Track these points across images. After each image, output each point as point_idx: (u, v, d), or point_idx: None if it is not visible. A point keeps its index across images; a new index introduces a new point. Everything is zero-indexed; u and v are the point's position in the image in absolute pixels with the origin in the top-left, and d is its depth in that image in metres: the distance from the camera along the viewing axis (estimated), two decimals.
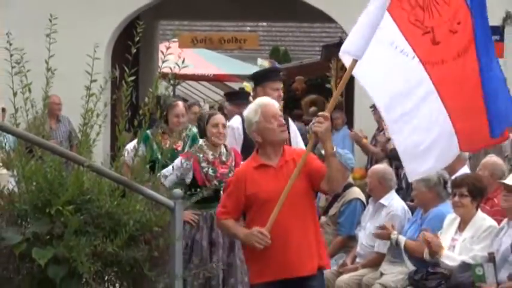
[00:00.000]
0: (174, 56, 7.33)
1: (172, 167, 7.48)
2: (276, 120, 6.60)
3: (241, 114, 7.73)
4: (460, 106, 6.90)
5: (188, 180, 7.57)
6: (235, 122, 8.01)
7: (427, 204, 8.71)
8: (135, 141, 7.50)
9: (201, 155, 7.37)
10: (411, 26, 6.84)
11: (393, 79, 6.97)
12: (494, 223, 7.37)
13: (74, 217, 5.78)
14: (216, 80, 24.76)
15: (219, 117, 7.67)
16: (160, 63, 7.30)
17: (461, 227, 7.52)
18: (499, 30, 13.93)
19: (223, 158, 7.37)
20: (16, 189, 6.35)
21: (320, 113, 6.14)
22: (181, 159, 7.68)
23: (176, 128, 8.46)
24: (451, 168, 8.81)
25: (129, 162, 6.99)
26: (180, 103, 9.29)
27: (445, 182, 8.82)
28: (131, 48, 7.33)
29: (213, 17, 18.26)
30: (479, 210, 7.55)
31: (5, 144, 6.77)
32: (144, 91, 10.06)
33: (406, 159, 7.11)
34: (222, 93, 23.71)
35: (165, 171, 7.05)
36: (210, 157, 7.29)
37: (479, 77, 6.73)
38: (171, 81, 8.34)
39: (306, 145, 8.38)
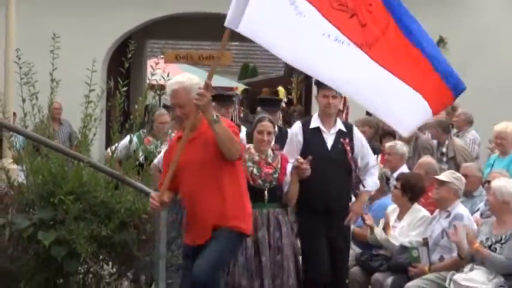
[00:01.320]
0: (161, 70, 7.36)
1: None
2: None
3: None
4: (411, 74, 6.39)
5: None
6: (295, 127, 7.11)
7: (372, 196, 8.69)
8: (125, 141, 7.30)
9: (247, 155, 6.54)
10: (336, 11, 6.17)
11: (339, 67, 6.30)
12: (427, 213, 7.37)
13: (74, 205, 5.79)
14: None
15: (265, 124, 6.75)
16: (149, 76, 7.31)
17: (400, 216, 7.53)
18: None
19: (269, 160, 6.65)
20: (25, 182, 6.34)
21: (199, 90, 5.37)
22: None
23: (160, 133, 8.40)
24: (393, 167, 8.84)
25: (119, 158, 7.01)
26: (165, 113, 8.93)
27: (387, 179, 8.84)
28: (124, 64, 7.34)
29: (194, 38, 18.19)
30: (415, 202, 7.57)
31: (16, 143, 6.81)
32: (134, 100, 10.02)
33: (395, 123, 6.50)
34: None
35: None
36: (256, 158, 6.56)
37: (412, 44, 6.28)
38: (157, 91, 8.34)
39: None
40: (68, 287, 6.07)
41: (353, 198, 7.15)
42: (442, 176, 7.15)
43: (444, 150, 9.58)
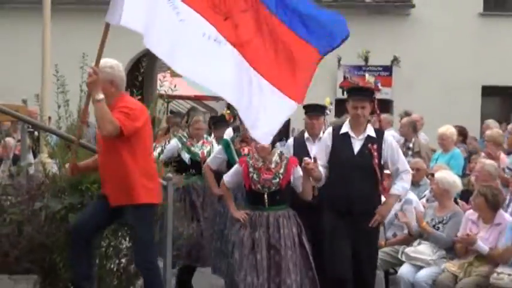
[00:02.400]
0: (168, 82, 7.36)
1: (232, 171, 6.35)
2: None
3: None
4: (278, 72, 5.77)
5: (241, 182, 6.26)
6: (327, 132, 6.41)
7: None
8: (171, 145, 7.32)
9: (251, 161, 6.06)
10: (213, 13, 5.65)
11: (216, 67, 5.67)
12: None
13: (98, 191, 5.78)
14: (196, 99, 24.69)
15: None
16: (158, 87, 7.30)
17: None
18: (388, 68, 13.93)
19: (272, 165, 6.00)
20: (57, 173, 6.32)
21: (89, 70, 4.99)
22: (237, 164, 6.38)
23: (197, 136, 8.17)
24: None
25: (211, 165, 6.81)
26: (200, 119, 8.27)
27: None
28: (138, 77, 7.35)
29: None
30: None
31: (51, 141, 6.81)
32: (146, 106, 10.05)
33: (253, 127, 5.86)
34: (200, 107, 23.77)
35: (227, 174, 6.30)
36: (259, 164, 5.96)
37: (286, 27, 5.70)
38: (165, 100, 8.32)
39: None
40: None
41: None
42: None
43: (410, 145, 9.60)
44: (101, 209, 5.23)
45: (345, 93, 6.31)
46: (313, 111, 6.75)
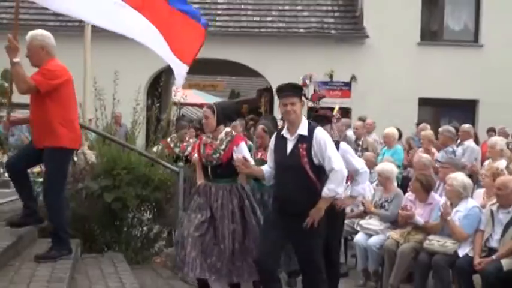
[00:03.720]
0: (180, 93, 7.37)
1: None
2: None
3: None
4: (170, 29, 5.53)
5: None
6: (273, 135, 5.09)
7: None
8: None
9: (204, 138, 5.14)
10: None
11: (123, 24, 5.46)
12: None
13: (126, 176, 5.82)
14: (201, 106, 24.77)
15: (204, 110, 5.26)
16: (172, 97, 7.28)
17: None
18: (348, 84, 13.91)
19: (216, 142, 5.02)
20: (95, 161, 6.32)
21: (8, 36, 4.50)
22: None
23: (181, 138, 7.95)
24: None
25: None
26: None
27: None
28: (158, 88, 7.36)
29: (200, 73, 17.97)
30: None
31: (90, 137, 6.89)
32: (163, 112, 10.04)
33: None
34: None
35: None
36: (208, 140, 5.02)
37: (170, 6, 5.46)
38: (178, 106, 8.30)
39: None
40: (122, 227, 6.06)
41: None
42: None
43: (360, 143, 9.63)
44: (30, 150, 4.94)
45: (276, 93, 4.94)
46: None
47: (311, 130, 4.57)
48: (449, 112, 14.06)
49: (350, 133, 10.07)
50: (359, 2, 14.72)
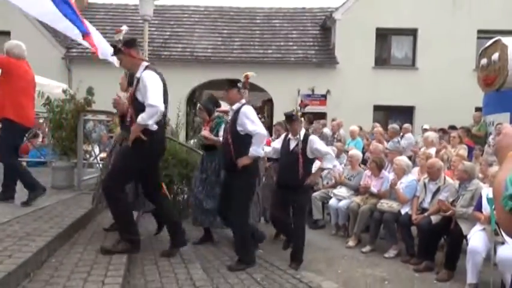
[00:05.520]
0: None
1: None
2: None
3: None
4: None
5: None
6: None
7: None
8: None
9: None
10: None
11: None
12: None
13: (172, 160, 5.74)
14: (224, 112, 24.88)
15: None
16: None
17: None
18: (324, 96, 13.91)
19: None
20: None
21: None
22: None
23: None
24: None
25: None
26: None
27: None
28: (194, 99, 7.28)
29: (223, 88, 17.84)
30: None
31: None
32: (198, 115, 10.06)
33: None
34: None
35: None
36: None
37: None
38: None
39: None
40: (171, 192, 6.01)
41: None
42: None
43: (336, 136, 9.58)
44: None
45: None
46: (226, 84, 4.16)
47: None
48: (395, 115, 13.93)
49: (326, 130, 10.04)
50: (332, 39, 14.62)
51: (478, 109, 9.98)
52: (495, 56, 8.54)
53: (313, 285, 3.83)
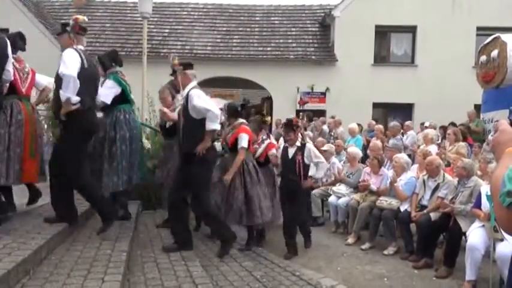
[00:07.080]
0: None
1: None
2: None
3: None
4: None
5: None
6: None
7: None
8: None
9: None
10: None
11: None
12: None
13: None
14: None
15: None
16: None
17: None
18: (324, 93, 13.90)
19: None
20: (150, 147, 6.30)
21: None
22: None
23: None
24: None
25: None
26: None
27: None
28: None
29: (222, 86, 17.85)
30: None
31: (148, 131, 6.72)
32: None
33: None
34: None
35: None
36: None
37: None
38: None
39: None
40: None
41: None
42: (326, 147, 7.13)
43: (332, 133, 9.57)
44: None
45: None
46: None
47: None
48: (394, 112, 13.93)
49: (325, 127, 10.03)
50: (331, 37, 14.59)
51: (477, 106, 9.99)
52: (494, 53, 8.54)
53: (313, 282, 3.84)
